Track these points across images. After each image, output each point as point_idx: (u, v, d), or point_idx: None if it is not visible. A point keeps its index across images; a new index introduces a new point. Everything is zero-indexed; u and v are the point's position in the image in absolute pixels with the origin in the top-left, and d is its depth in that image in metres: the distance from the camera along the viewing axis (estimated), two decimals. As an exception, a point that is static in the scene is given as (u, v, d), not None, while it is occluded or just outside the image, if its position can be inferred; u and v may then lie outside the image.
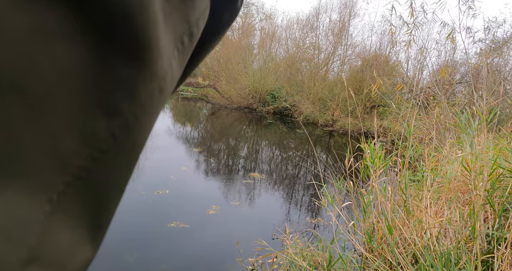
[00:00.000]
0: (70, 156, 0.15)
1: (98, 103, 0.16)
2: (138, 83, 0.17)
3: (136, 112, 0.17)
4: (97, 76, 0.15)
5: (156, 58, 0.17)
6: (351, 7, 17.57)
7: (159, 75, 0.18)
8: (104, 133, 0.16)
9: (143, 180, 5.52)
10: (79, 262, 0.18)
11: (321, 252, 2.88)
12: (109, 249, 3.37)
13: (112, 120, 0.16)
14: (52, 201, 0.15)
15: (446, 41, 9.00)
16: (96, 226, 0.19)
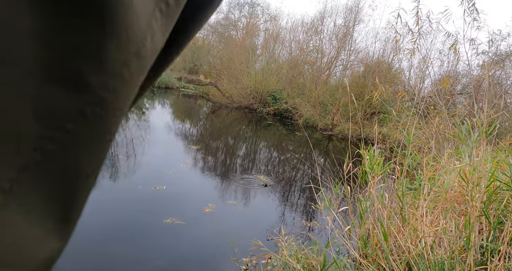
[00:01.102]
0: (23, 137, 0.13)
1: (57, 75, 0.13)
2: (107, 48, 0.14)
3: (109, 84, 0.15)
4: (51, 40, 0.12)
5: (128, 16, 0.14)
6: (356, 12, 17.62)
7: (135, 38, 0.15)
8: (68, 111, 0.14)
9: (140, 174, 5.52)
10: (45, 257, 0.16)
11: (315, 255, 2.89)
12: (103, 242, 3.37)
13: (78, 95, 0.14)
14: (4, 191, 0.13)
15: (449, 52, 9.04)
16: (63, 217, 0.16)
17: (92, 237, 3.41)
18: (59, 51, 0.13)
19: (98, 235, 3.48)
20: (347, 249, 3.16)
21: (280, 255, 2.97)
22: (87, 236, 3.41)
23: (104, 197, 4.42)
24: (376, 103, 11.24)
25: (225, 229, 4.11)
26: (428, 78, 8.79)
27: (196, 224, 4.07)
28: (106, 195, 4.51)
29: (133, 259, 3.18)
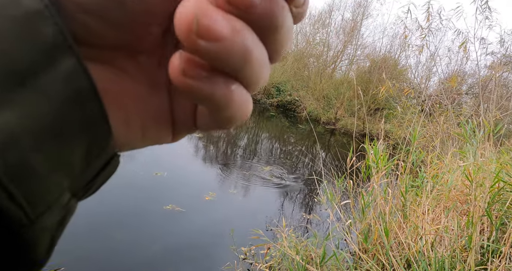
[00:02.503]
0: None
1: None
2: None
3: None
4: None
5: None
6: (365, 6, 17.42)
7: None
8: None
9: (141, 159, 5.51)
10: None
11: (314, 248, 2.89)
12: (102, 227, 3.37)
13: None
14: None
15: (458, 50, 8.94)
16: None
17: (92, 222, 3.41)
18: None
19: (98, 220, 3.48)
20: (347, 242, 3.16)
21: (279, 245, 2.97)
22: (87, 221, 3.40)
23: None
24: (381, 99, 11.19)
25: (224, 217, 4.11)
26: (435, 76, 8.72)
27: (196, 211, 4.07)
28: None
29: (133, 244, 3.18)
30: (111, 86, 0.19)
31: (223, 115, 0.20)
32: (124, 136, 0.21)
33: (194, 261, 3.16)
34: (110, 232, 3.29)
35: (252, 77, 0.19)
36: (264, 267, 2.82)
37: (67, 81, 0.16)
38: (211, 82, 0.18)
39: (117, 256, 3.00)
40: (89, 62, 0.18)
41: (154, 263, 2.97)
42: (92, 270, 2.75)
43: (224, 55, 0.16)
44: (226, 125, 0.21)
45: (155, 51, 0.21)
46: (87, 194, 0.21)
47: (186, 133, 0.24)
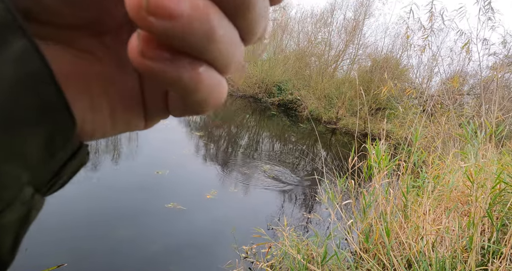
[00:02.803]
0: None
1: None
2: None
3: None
4: None
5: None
6: (367, 6, 17.37)
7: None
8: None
9: (142, 158, 5.52)
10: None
11: (316, 247, 2.90)
12: (104, 224, 3.38)
13: None
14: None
15: (460, 51, 8.92)
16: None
17: (94, 220, 3.43)
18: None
19: (100, 218, 3.50)
20: (348, 242, 3.16)
21: (281, 244, 2.98)
22: (89, 219, 3.42)
23: (106, 180, 4.43)
24: (382, 99, 11.18)
25: (225, 216, 4.12)
26: (436, 76, 8.70)
27: (197, 210, 4.08)
28: (108, 178, 4.52)
29: (134, 242, 3.20)
30: (73, 68, 0.18)
31: (194, 100, 0.19)
32: (92, 122, 0.19)
33: (195, 259, 3.17)
34: (112, 230, 3.30)
35: (220, 58, 0.17)
36: (265, 266, 2.83)
37: (17, 64, 0.14)
38: (175, 64, 0.16)
39: (118, 253, 3.01)
40: (45, 42, 0.17)
41: (155, 261, 2.98)
42: (94, 267, 2.76)
43: (182, 34, 0.15)
44: (199, 110, 0.20)
45: (121, 30, 0.19)
46: (54, 188, 0.20)
47: (159, 119, 0.23)
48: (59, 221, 3.24)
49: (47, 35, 0.17)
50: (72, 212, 3.45)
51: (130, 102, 0.21)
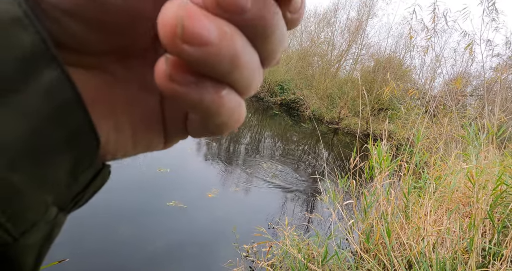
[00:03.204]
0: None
1: None
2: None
3: None
4: None
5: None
6: (370, 6, 17.34)
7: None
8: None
9: (145, 156, 5.54)
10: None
11: (316, 247, 2.90)
12: (106, 221, 3.40)
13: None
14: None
15: (464, 52, 8.90)
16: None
17: (96, 217, 3.44)
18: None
19: (102, 215, 3.51)
20: (349, 242, 3.17)
21: (281, 244, 2.99)
22: (91, 216, 3.43)
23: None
24: (385, 100, 11.17)
25: (226, 215, 4.13)
26: (439, 77, 8.68)
27: (198, 208, 4.09)
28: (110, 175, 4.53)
29: (136, 240, 3.21)
30: (99, 93, 0.18)
31: (214, 122, 0.19)
32: (115, 143, 0.20)
33: (196, 257, 3.18)
34: (114, 227, 3.31)
35: (242, 82, 0.18)
36: (266, 265, 2.84)
37: (48, 96, 0.14)
38: (199, 87, 0.17)
39: (120, 250, 3.02)
40: (72, 69, 0.17)
41: (156, 259, 3.00)
42: (95, 263, 2.78)
43: (211, 60, 0.15)
44: (218, 132, 0.20)
45: (146, 54, 0.20)
46: (77, 206, 0.20)
47: (178, 140, 0.23)
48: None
49: (74, 62, 0.17)
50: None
51: (151, 123, 0.21)
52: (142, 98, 0.20)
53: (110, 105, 0.19)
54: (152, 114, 0.21)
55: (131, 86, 0.20)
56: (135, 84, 0.20)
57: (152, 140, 0.22)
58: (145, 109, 0.21)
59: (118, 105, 0.19)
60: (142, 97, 0.20)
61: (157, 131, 0.22)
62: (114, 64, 0.19)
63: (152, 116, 0.21)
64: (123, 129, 0.20)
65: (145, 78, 0.20)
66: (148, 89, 0.20)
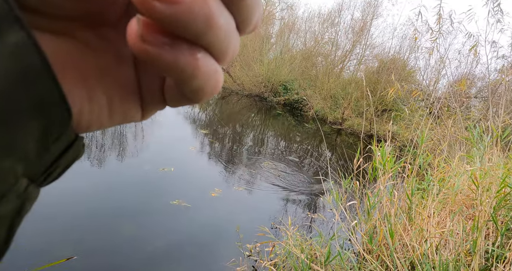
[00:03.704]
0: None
1: None
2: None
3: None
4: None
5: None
6: (375, 6, 17.29)
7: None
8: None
9: (147, 155, 5.56)
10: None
11: (319, 247, 2.91)
12: (110, 220, 3.42)
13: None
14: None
15: (468, 53, 8.86)
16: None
17: (102, 216, 3.47)
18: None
19: (107, 213, 3.54)
20: (352, 243, 3.18)
21: (284, 243, 3.00)
22: (96, 215, 3.46)
23: (112, 176, 4.47)
24: (389, 101, 11.13)
25: (229, 214, 4.14)
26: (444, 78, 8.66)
27: (202, 207, 4.11)
28: (113, 174, 4.57)
29: (140, 238, 3.23)
30: (69, 60, 0.18)
31: (190, 87, 0.19)
32: (89, 112, 0.19)
33: (199, 256, 3.20)
34: (118, 225, 3.34)
35: (218, 45, 0.18)
36: (268, 265, 2.85)
37: (13, 58, 0.14)
38: (173, 49, 0.17)
39: (123, 249, 3.05)
40: (42, 33, 0.17)
41: (160, 257, 3.02)
42: (102, 261, 2.80)
43: (183, 19, 0.15)
44: (195, 98, 0.20)
45: (120, 22, 0.19)
46: (49, 180, 0.19)
47: (156, 110, 0.23)
48: (67, 216, 3.29)
49: (44, 26, 0.17)
50: (78, 208, 3.49)
51: (126, 92, 0.21)
52: (117, 67, 0.20)
53: (83, 74, 0.19)
54: (128, 84, 0.21)
55: (105, 55, 0.20)
56: (109, 54, 0.20)
57: (128, 110, 0.21)
58: (120, 78, 0.20)
59: (91, 75, 0.19)
60: (117, 67, 0.20)
61: (133, 101, 0.21)
62: (86, 32, 0.19)
63: (127, 85, 0.21)
64: (97, 99, 0.19)
65: (119, 48, 0.20)
66: (122, 59, 0.20)
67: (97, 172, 4.50)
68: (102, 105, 0.20)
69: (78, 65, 0.18)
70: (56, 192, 3.63)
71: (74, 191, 3.73)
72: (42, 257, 2.61)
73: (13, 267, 2.38)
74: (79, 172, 4.34)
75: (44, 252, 2.69)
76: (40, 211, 3.22)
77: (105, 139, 5.81)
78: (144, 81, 0.21)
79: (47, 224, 3.08)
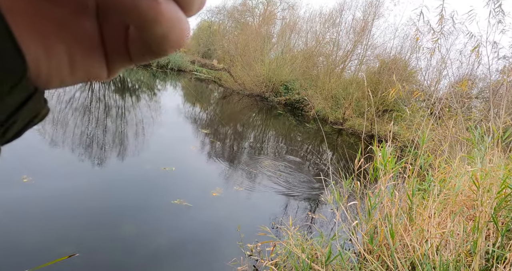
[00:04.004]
0: None
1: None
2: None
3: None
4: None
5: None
6: (376, 6, 17.30)
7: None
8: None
9: (149, 154, 5.57)
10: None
11: (320, 247, 2.92)
12: (111, 220, 3.43)
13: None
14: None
15: (470, 54, 8.85)
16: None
17: (102, 215, 3.48)
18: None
19: (109, 212, 3.55)
20: (352, 243, 3.19)
21: (285, 243, 3.01)
22: (95, 213, 3.47)
23: (113, 175, 4.48)
24: (390, 101, 11.13)
25: (230, 214, 4.15)
26: (445, 79, 8.65)
27: (203, 207, 4.12)
28: (114, 173, 4.58)
29: (141, 237, 3.24)
30: (22, 8, 0.17)
31: (154, 34, 0.18)
32: (47, 66, 0.18)
33: (200, 255, 3.21)
34: (119, 224, 3.35)
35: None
36: (269, 264, 2.86)
37: None
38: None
39: (125, 247, 3.06)
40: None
41: (161, 256, 3.03)
42: (103, 259, 2.81)
43: None
44: (159, 49, 0.19)
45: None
46: (9, 135, 0.19)
47: (121, 67, 0.22)
48: (68, 215, 3.31)
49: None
50: (80, 207, 3.51)
51: (88, 46, 0.20)
52: (76, 19, 0.19)
53: (37, 25, 0.18)
54: (90, 38, 0.20)
55: (63, 7, 0.18)
56: (67, 6, 0.19)
57: (92, 66, 0.21)
58: (80, 31, 0.19)
59: (47, 26, 0.18)
60: (76, 18, 0.19)
61: (97, 57, 0.21)
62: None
63: (90, 40, 0.20)
64: (55, 52, 0.18)
65: (79, 1, 0.19)
66: (82, 11, 0.19)
67: (98, 171, 4.51)
68: (62, 59, 0.19)
69: (31, 14, 0.17)
70: (58, 191, 3.64)
71: (76, 190, 3.75)
72: (44, 254, 2.62)
73: (15, 265, 2.40)
74: (81, 171, 4.36)
75: (46, 249, 2.70)
76: (42, 209, 3.24)
77: (107, 138, 5.82)
78: (107, 34, 0.20)
79: (49, 222, 3.09)
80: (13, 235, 2.73)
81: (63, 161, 4.46)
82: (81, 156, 4.81)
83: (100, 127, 6.36)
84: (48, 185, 3.68)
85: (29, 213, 3.12)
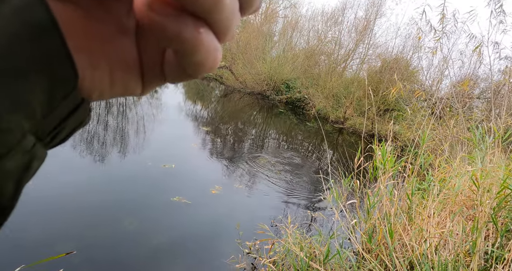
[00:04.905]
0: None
1: None
2: None
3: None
4: None
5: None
6: (378, 5, 17.24)
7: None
8: None
9: (149, 151, 5.57)
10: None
11: (318, 245, 2.92)
12: (110, 216, 3.43)
13: None
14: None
15: (472, 54, 8.83)
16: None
17: (101, 212, 3.48)
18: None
19: (107, 209, 3.55)
20: (351, 242, 3.18)
21: (284, 241, 3.01)
22: (97, 211, 3.48)
23: (113, 172, 4.49)
24: (391, 101, 11.12)
25: (229, 211, 4.15)
26: (446, 78, 8.63)
27: (202, 204, 4.12)
28: (114, 170, 4.58)
29: (140, 234, 3.24)
30: (73, 24, 0.18)
31: (191, 60, 0.19)
32: (90, 80, 0.19)
33: (199, 252, 3.21)
34: (118, 221, 3.35)
35: (221, 23, 0.19)
36: (268, 262, 2.86)
37: (19, 13, 0.14)
38: (179, 21, 0.17)
39: (124, 244, 3.06)
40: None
41: (160, 253, 3.03)
42: (101, 256, 2.81)
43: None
44: (194, 73, 0.21)
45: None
46: (56, 141, 0.20)
47: (156, 85, 0.23)
48: (67, 211, 3.31)
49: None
50: (78, 203, 3.51)
51: (127, 64, 0.21)
52: (118, 39, 0.20)
53: (85, 40, 0.19)
54: (129, 56, 0.21)
55: (107, 26, 0.20)
56: (111, 26, 0.20)
57: (129, 82, 0.22)
58: (121, 50, 0.21)
59: (93, 42, 0.19)
60: (119, 39, 0.20)
61: (134, 74, 0.22)
62: (90, 2, 0.19)
63: (129, 58, 0.21)
64: (99, 66, 0.20)
65: (121, 19, 0.20)
66: (124, 31, 0.21)
67: (99, 167, 4.51)
68: (104, 74, 0.20)
69: (80, 30, 0.19)
70: (57, 187, 3.65)
71: (75, 186, 3.75)
72: (42, 251, 2.62)
73: (12, 261, 2.40)
74: (81, 167, 4.36)
75: (44, 246, 2.70)
76: (41, 206, 3.24)
77: (107, 135, 5.82)
78: (145, 55, 0.22)
79: (48, 218, 3.10)
80: (13, 231, 2.73)
81: (63, 157, 4.46)
82: (82, 153, 4.81)
83: (101, 124, 6.36)
84: (48, 181, 3.68)
85: (29, 209, 3.12)
